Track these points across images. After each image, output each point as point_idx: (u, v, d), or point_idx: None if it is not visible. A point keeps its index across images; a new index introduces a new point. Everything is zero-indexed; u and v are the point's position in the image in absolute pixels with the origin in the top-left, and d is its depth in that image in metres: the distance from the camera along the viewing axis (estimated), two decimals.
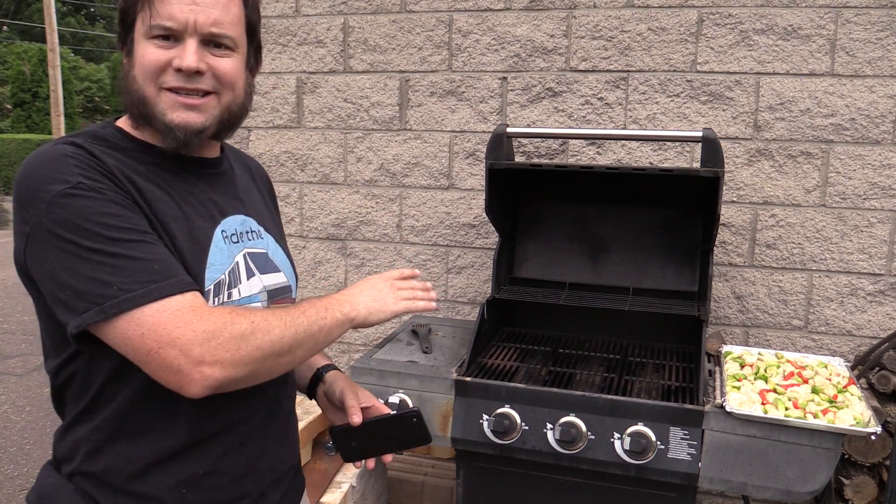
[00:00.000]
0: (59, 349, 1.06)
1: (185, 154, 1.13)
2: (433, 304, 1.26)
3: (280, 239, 1.28)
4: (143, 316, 0.93)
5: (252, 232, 1.20)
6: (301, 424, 2.38)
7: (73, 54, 27.72)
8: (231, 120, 1.13)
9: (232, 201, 1.19)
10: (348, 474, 2.42)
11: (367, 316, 1.16)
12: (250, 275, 1.16)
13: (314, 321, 1.06)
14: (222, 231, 1.13)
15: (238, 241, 1.16)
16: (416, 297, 1.24)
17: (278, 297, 1.22)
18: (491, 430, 1.86)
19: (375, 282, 1.22)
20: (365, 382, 2.00)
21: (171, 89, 1.05)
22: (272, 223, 1.29)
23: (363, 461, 1.25)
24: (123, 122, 1.12)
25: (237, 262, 1.14)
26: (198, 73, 1.05)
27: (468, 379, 1.92)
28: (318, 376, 1.35)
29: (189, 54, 1.04)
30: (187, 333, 0.93)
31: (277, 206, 1.40)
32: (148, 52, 1.04)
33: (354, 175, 2.86)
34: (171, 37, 1.04)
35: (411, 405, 1.94)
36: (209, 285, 1.07)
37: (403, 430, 1.24)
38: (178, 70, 1.04)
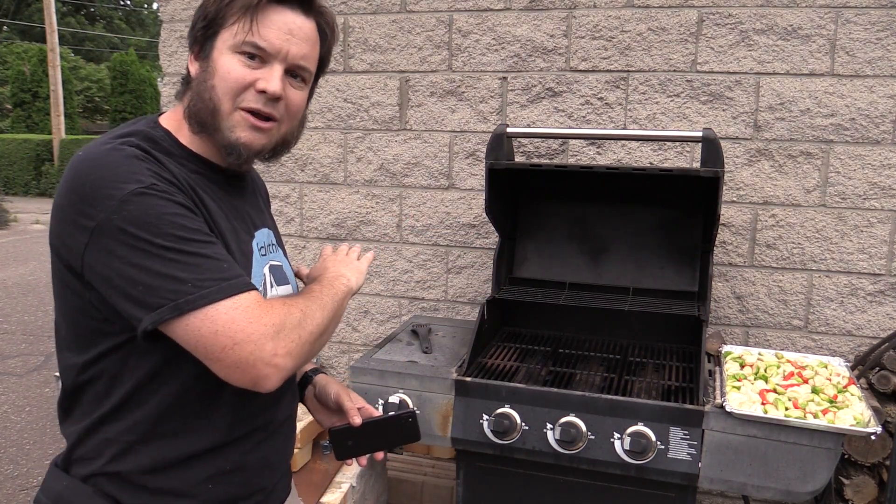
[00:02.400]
0: (88, 345, 1.05)
1: (224, 166, 1.15)
2: (371, 253, 1.36)
3: (285, 252, 1.33)
4: (216, 313, 0.95)
5: (273, 245, 1.25)
6: (301, 424, 2.38)
7: (73, 54, 27.72)
8: (283, 146, 1.17)
9: (259, 215, 1.25)
10: (348, 474, 2.42)
11: (357, 283, 1.24)
12: (271, 286, 1.20)
13: (332, 299, 1.12)
14: (257, 244, 1.18)
15: (265, 255, 1.21)
16: (357, 251, 1.33)
17: None
18: (491, 430, 1.86)
19: (330, 259, 1.28)
20: (365, 382, 2.00)
21: (247, 109, 1.08)
22: (279, 236, 1.33)
23: (355, 458, 1.30)
24: (170, 124, 1.13)
25: (264, 275, 1.18)
26: (277, 99, 1.09)
27: (468, 379, 1.92)
28: (307, 379, 1.39)
29: (276, 80, 1.07)
30: (259, 328, 0.96)
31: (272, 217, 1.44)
32: (234, 68, 1.07)
33: (354, 175, 2.86)
34: (258, 57, 1.07)
35: (411, 405, 1.94)
36: None
37: (398, 429, 1.30)
38: (262, 92, 1.07)
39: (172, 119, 1.13)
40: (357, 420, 1.25)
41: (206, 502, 1.10)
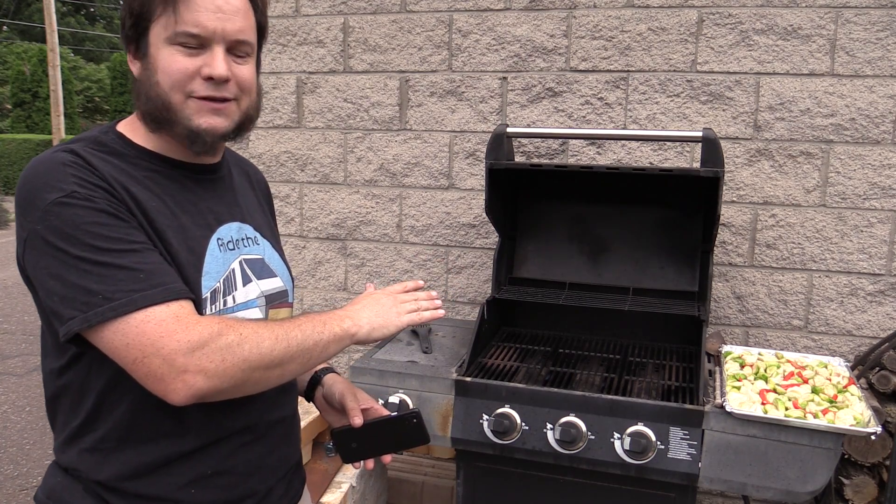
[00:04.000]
0: (59, 352, 1.07)
1: (186, 161, 1.13)
2: (440, 313, 1.26)
3: (276, 244, 1.29)
4: (126, 326, 0.94)
5: (248, 238, 1.20)
6: (301, 424, 2.38)
7: (73, 54, 27.71)
8: (247, 122, 1.15)
9: (229, 208, 1.19)
10: (348, 474, 2.42)
11: (370, 332, 1.15)
12: (247, 281, 1.16)
13: (309, 335, 1.05)
14: (218, 239, 1.13)
15: (234, 249, 1.16)
16: (421, 307, 1.24)
17: (276, 301, 1.22)
18: (491, 430, 1.86)
19: (378, 297, 1.21)
20: (365, 382, 2.00)
21: (200, 97, 1.06)
22: (268, 229, 1.29)
23: (362, 462, 1.26)
24: (125, 127, 1.12)
25: (232, 270, 1.14)
26: (225, 81, 1.07)
27: (468, 379, 1.92)
28: (316, 379, 1.36)
29: (219, 63, 1.05)
30: (171, 343, 0.93)
31: (274, 212, 1.41)
32: (174, 60, 1.04)
33: (354, 175, 2.86)
34: (197, 44, 1.04)
35: (411, 405, 1.94)
36: (205, 293, 1.08)
37: (403, 430, 1.26)
38: (209, 78, 1.05)
39: (129, 121, 1.12)
40: (357, 421, 1.22)
41: None
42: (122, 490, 1.07)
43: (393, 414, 1.27)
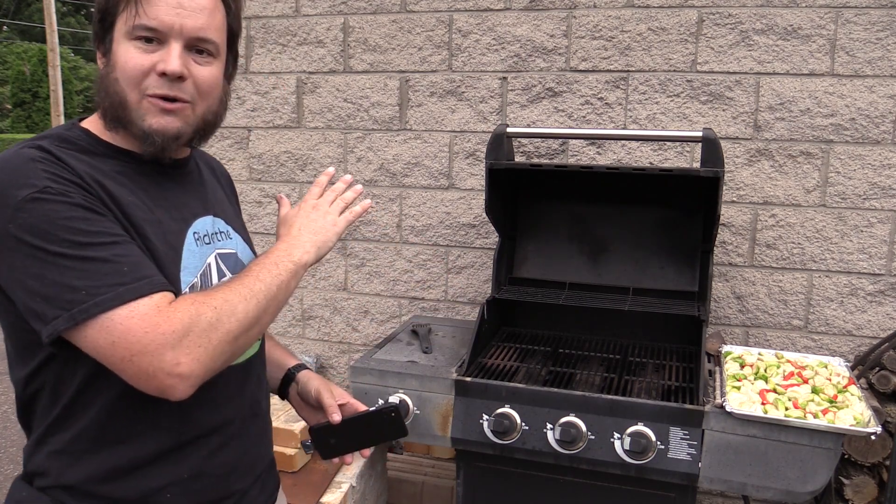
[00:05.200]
0: (27, 358, 1.03)
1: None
2: (367, 202, 1.24)
3: (246, 238, 1.27)
4: (112, 323, 0.91)
5: (221, 233, 1.19)
6: (301, 424, 2.38)
7: (73, 54, 27.71)
8: (206, 128, 1.11)
9: (202, 203, 1.18)
10: (348, 474, 2.42)
11: (317, 253, 1.15)
12: (221, 275, 1.15)
13: (271, 282, 1.04)
14: (194, 233, 1.12)
15: (210, 243, 1.15)
16: (347, 200, 1.24)
17: None
18: (491, 430, 1.86)
19: (306, 212, 1.20)
20: (365, 382, 2.00)
21: (153, 96, 1.03)
22: (238, 223, 1.28)
23: (342, 457, 1.27)
24: (90, 124, 1.10)
25: (209, 264, 1.13)
26: (180, 79, 1.03)
27: (468, 379, 1.92)
28: (290, 376, 1.35)
29: (174, 58, 1.01)
30: (157, 338, 0.91)
31: (239, 205, 1.39)
32: (131, 56, 1.02)
33: (354, 175, 2.86)
34: (155, 39, 1.02)
35: (411, 405, 1.94)
36: (185, 289, 1.06)
37: (381, 425, 1.26)
38: (162, 74, 1.02)
39: (92, 120, 1.10)
40: (336, 418, 1.22)
41: None
42: (94, 494, 1.03)
43: (371, 409, 1.26)
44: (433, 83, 2.71)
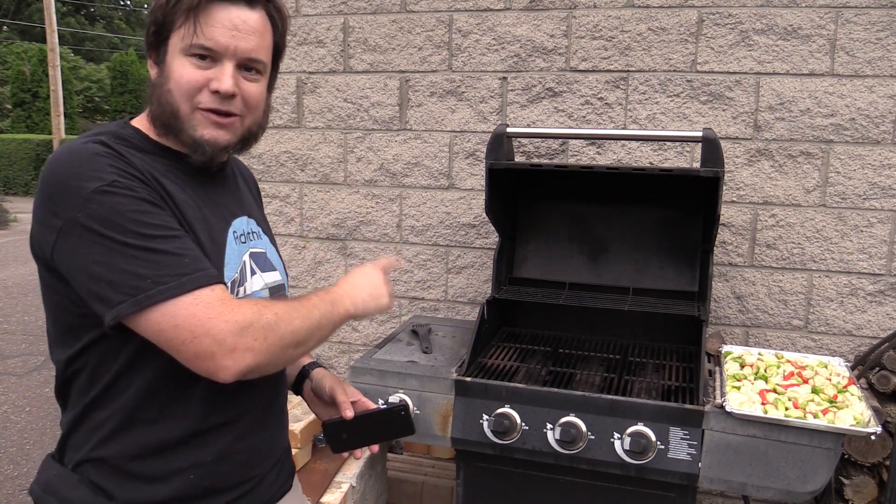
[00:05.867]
0: (71, 341, 1.09)
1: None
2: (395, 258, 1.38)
3: (273, 240, 1.35)
4: (177, 308, 0.97)
5: (253, 233, 1.27)
6: (301, 425, 2.38)
7: (73, 54, 27.70)
8: (250, 138, 1.19)
9: (238, 203, 1.26)
10: (348, 474, 2.42)
11: (364, 312, 1.23)
12: (253, 273, 1.22)
13: (324, 315, 1.12)
14: (234, 232, 1.20)
15: (245, 242, 1.22)
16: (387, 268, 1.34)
17: (276, 294, 1.29)
18: (491, 430, 1.86)
19: (371, 274, 1.28)
20: (365, 382, 2.00)
21: (206, 109, 1.10)
22: (265, 224, 1.35)
23: (352, 451, 1.34)
24: (141, 124, 1.16)
25: (244, 262, 1.20)
26: (231, 96, 1.11)
27: (468, 379, 1.92)
28: (305, 373, 1.42)
29: (227, 78, 1.09)
30: (220, 324, 0.98)
31: (263, 207, 1.46)
32: (186, 71, 1.09)
33: (354, 175, 2.86)
34: (209, 57, 1.09)
35: (411, 405, 1.95)
36: (227, 283, 1.14)
37: (391, 422, 1.34)
38: (215, 92, 1.09)
39: (142, 119, 1.17)
40: (349, 414, 1.29)
41: (187, 490, 1.12)
42: (123, 469, 1.09)
43: (382, 407, 1.34)
44: (433, 83, 2.71)
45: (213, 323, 0.97)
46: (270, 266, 1.27)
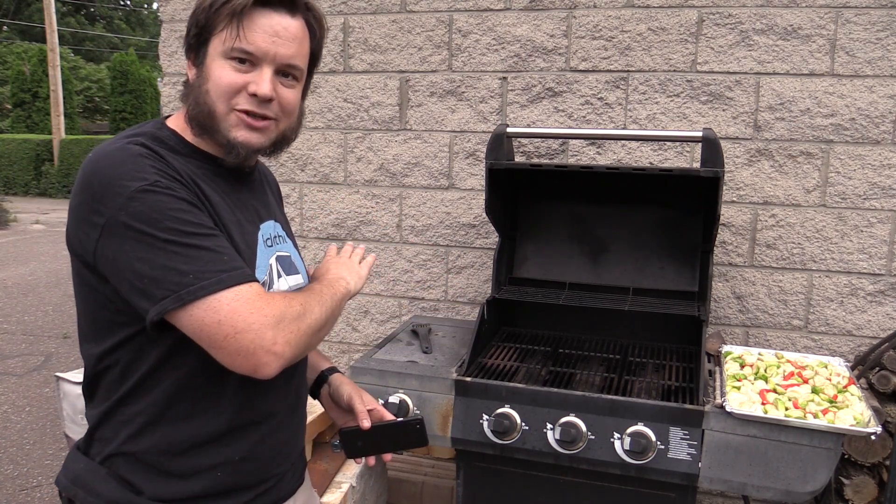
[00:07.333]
0: (104, 337, 1.11)
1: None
2: (372, 255, 1.42)
3: (295, 244, 1.37)
4: (219, 304, 1.00)
5: (279, 237, 1.30)
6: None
7: (73, 54, 27.71)
8: (283, 142, 1.22)
9: (266, 207, 1.30)
10: (348, 474, 2.42)
11: (356, 287, 1.30)
12: (279, 276, 1.25)
13: (333, 299, 1.18)
14: (262, 235, 1.23)
15: (272, 245, 1.25)
16: (360, 255, 1.39)
17: None
18: (491, 430, 1.86)
19: (335, 262, 1.34)
20: (365, 382, 2.00)
21: (242, 111, 1.13)
22: (288, 228, 1.38)
23: (365, 458, 1.36)
24: (176, 124, 1.18)
25: (271, 265, 1.23)
26: (269, 100, 1.13)
27: (468, 379, 1.92)
28: (323, 378, 1.44)
29: (266, 82, 1.11)
30: (260, 318, 1.01)
31: (284, 209, 1.48)
32: (225, 73, 1.11)
33: (354, 175, 2.86)
34: (248, 61, 1.12)
35: (411, 405, 1.95)
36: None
37: (405, 434, 1.37)
38: (253, 95, 1.12)
39: (178, 120, 1.19)
40: (366, 424, 1.31)
41: (213, 488, 1.15)
42: (150, 464, 1.12)
43: (399, 419, 1.38)
44: (433, 83, 2.71)
45: (254, 317, 1.00)
46: (294, 269, 1.30)
